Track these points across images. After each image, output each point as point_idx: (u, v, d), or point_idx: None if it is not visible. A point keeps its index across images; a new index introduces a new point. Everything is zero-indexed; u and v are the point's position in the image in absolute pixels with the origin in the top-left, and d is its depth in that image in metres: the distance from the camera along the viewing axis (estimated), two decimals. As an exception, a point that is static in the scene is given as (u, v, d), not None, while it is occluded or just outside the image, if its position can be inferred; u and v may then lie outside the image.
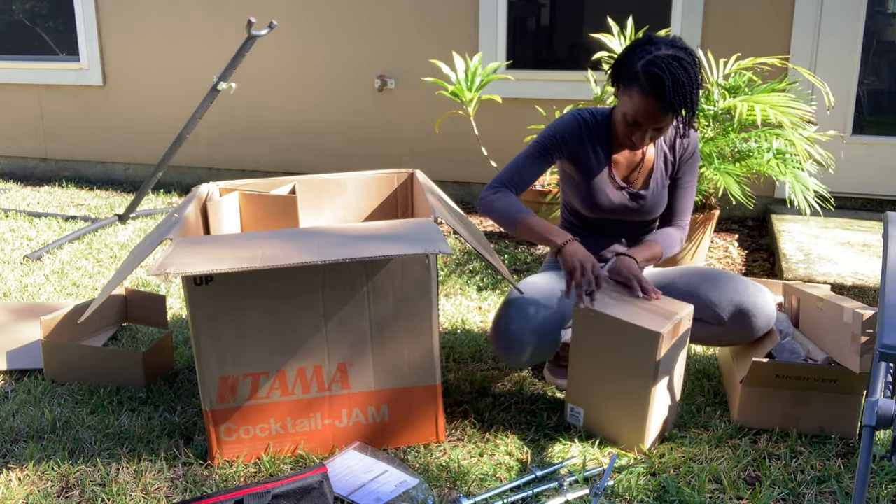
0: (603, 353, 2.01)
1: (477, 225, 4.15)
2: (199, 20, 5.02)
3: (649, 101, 1.97)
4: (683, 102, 1.97)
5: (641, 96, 1.98)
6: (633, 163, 2.22)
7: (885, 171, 4.05)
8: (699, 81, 2.00)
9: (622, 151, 2.22)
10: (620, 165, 2.22)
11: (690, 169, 2.25)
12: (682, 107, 1.97)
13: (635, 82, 1.99)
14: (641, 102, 1.99)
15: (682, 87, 1.95)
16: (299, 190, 2.63)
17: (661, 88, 1.95)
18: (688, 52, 1.99)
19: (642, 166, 2.22)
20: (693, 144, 2.22)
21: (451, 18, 4.52)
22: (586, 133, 2.19)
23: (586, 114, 2.20)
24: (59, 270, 3.52)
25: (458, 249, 3.79)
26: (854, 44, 3.95)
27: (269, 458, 2.00)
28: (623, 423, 2.02)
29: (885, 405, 1.39)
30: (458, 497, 1.81)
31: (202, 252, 1.80)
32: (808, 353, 2.18)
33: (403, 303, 1.97)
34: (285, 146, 5.05)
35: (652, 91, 1.96)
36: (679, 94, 1.95)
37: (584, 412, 2.10)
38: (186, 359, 2.62)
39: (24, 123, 5.60)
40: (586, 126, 2.19)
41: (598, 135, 2.19)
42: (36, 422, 2.22)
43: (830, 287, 2.45)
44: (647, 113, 1.99)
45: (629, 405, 1.99)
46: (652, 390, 1.94)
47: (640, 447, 2.00)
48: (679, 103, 1.96)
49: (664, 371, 1.97)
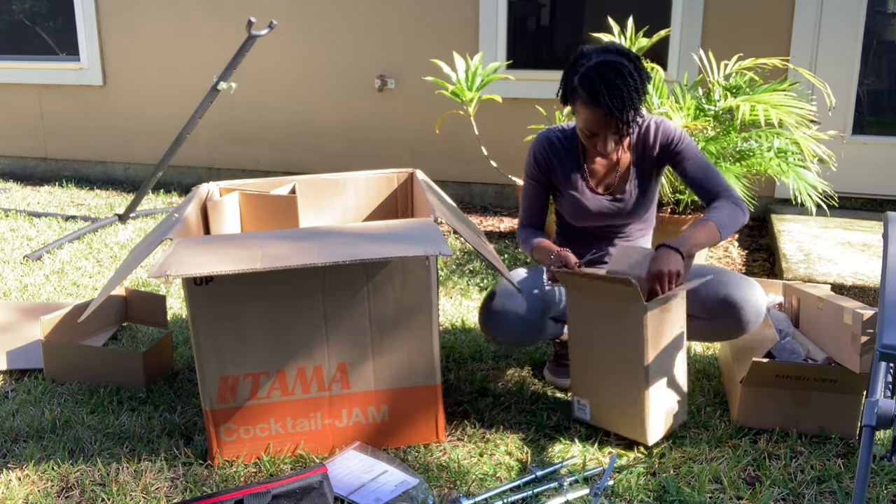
0: (595, 329, 2.02)
1: (477, 224, 4.15)
2: (199, 20, 5.02)
3: (591, 110, 2.04)
4: (622, 104, 2.01)
5: (584, 108, 2.05)
6: (609, 168, 2.25)
7: (885, 171, 4.05)
8: (638, 79, 2.03)
9: (596, 159, 2.25)
10: (598, 173, 2.26)
11: (687, 148, 2.18)
12: (622, 109, 2.02)
13: (577, 96, 2.07)
14: (586, 114, 2.06)
15: (618, 90, 2.00)
16: (299, 190, 2.63)
17: (596, 97, 2.01)
18: (621, 54, 2.04)
19: (618, 170, 2.25)
20: (670, 129, 2.18)
21: (451, 18, 4.52)
22: (554, 151, 2.26)
23: (554, 132, 2.27)
24: (59, 270, 3.52)
25: (458, 249, 3.79)
26: (854, 44, 3.95)
27: (269, 458, 2.00)
28: (624, 410, 2.02)
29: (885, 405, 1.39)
30: (458, 497, 1.81)
31: (202, 252, 1.80)
32: (808, 353, 2.18)
33: (403, 303, 1.97)
34: (285, 146, 5.05)
35: (591, 101, 2.02)
36: (615, 98, 2.00)
37: (589, 404, 2.10)
38: (186, 359, 2.62)
39: (24, 123, 5.60)
40: (554, 144, 2.26)
41: (569, 149, 2.26)
42: (36, 422, 2.22)
43: (830, 287, 2.45)
44: (594, 122, 2.05)
45: (628, 385, 1.99)
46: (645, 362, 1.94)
47: (642, 436, 2.00)
48: (618, 106, 2.01)
49: (657, 346, 1.96)
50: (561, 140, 2.26)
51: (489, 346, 2.68)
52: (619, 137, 2.11)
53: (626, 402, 2.01)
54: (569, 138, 2.26)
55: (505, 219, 4.43)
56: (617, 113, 2.01)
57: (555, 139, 2.26)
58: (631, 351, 1.97)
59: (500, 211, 4.61)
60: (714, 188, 2.15)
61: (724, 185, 2.15)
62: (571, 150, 2.26)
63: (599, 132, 2.08)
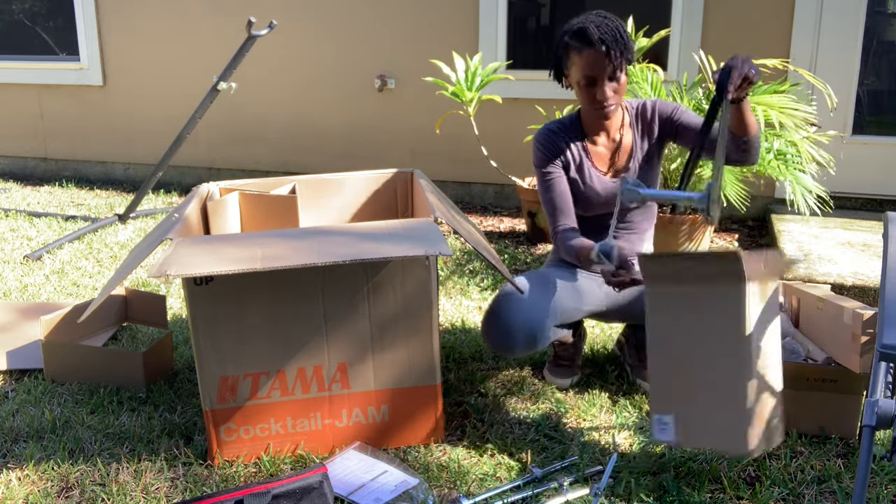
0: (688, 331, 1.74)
1: (477, 224, 4.15)
2: (199, 20, 5.02)
3: (585, 53, 2.09)
4: (614, 40, 2.07)
5: (578, 55, 2.11)
6: (612, 149, 2.28)
7: (884, 171, 4.05)
8: (622, 26, 2.11)
9: (598, 141, 2.27)
10: (601, 156, 2.28)
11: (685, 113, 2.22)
12: (614, 45, 2.07)
13: (569, 50, 2.13)
14: (580, 60, 2.10)
15: (606, 27, 2.08)
16: (299, 190, 2.63)
17: (587, 35, 2.08)
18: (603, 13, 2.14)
19: (621, 149, 2.27)
20: (667, 104, 2.26)
21: (451, 18, 4.52)
22: (557, 139, 2.27)
23: (552, 124, 2.30)
24: (59, 270, 3.52)
25: (458, 249, 3.79)
26: (854, 44, 3.95)
27: (269, 458, 2.00)
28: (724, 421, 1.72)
29: (885, 405, 1.39)
30: (458, 497, 1.81)
31: (202, 252, 1.80)
32: (808, 353, 2.18)
33: (403, 303, 1.97)
34: (285, 146, 5.05)
35: (583, 42, 2.09)
36: (605, 33, 2.07)
37: (674, 421, 1.80)
38: (186, 359, 2.62)
39: (24, 123, 5.60)
40: (556, 133, 2.27)
41: (570, 135, 2.28)
42: (36, 422, 2.22)
43: (830, 287, 2.45)
44: (589, 64, 2.10)
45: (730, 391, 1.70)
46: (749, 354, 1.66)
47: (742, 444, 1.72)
48: (610, 41, 2.06)
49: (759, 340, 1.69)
50: (559, 130, 2.28)
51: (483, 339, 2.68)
52: (617, 83, 2.13)
53: (725, 412, 1.72)
54: (567, 126, 2.28)
55: (505, 219, 4.43)
56: (611, 44, 2.06)
57: (554, 128, 2.28)
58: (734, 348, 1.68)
59: (500, 211, 4.62)
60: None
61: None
62: (573, 135, 2.27)
63: (597, 75, 2.10)
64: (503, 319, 2.12)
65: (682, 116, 2.22)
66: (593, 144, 2.28)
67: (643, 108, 2.27)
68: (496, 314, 2.14)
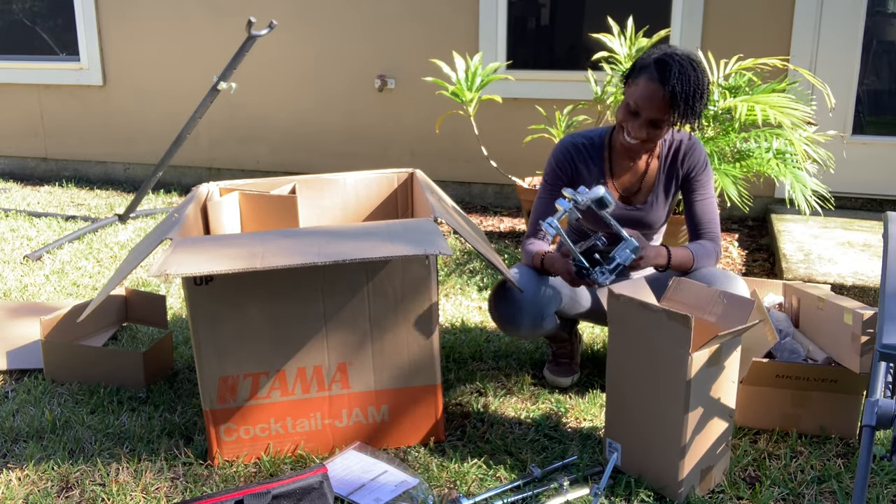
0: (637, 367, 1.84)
1: (477, 224, 4.15)
2: (199, 20, 5.02)
3: (653, 85, 2.02)
4: (684, 93, 2.00)
5: (647, 81, 2.03)
6: (634, 178, 2.24)
7: (885, 171, 4.05)
8: (704, 87, 2.03)
9: (623, 168, 2.23)
10: (622, 181, 2.24)
11: (705, 183, 2.23)
12: (682, 98, 2.00)
13: (645, 71, 2.05)
14: (645, 87, 2.03)
15: (687, 79, 2.00)
16: (299, 190, 2.63)
17: (667, 74, 2.00)
18: (699, 62, 2.06)
19: (644, 181, 2.24)
20: (700, 157, 2.22)
21: (451, 18, 4.52)
22: (579, 156, 2.24)
23: (580, 137, 2.26)
24: (59, 270, 3.52)
25: (458, 249, 3.79)
26: (854, 44, 3.95)
27: (269, 458, 2.00)
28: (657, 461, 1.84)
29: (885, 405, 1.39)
30: (458, 497, 1.81)
31: (202, 252, 1.80)
32: (808, 353, 2.18)
33: (403, 303, 1.97)
34: (285, 146, 5.05)
35: (658, 76, 2.02)
36: (682, 84, 2.00)
37: (621, 447, 1.92)
38: (186, 359, 2.62)
39: (24, 123, 5.60)
40: (579, 149, 2.24)
41: (594, 155, 2.24)
42: (36, 422, 2.22)
43: (830, 287, 2.45)
44: (647, 96, 2.03)
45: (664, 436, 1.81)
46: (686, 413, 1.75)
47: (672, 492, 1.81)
48: (680, 93, 2.00)
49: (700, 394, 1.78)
50: (586, 146, 2.24)
51: (489, 345, 2.69)
52: (657, 130, 2.07)
53: (660, 453, 1.83)
54: (595, 145, 2.24)
55: (505, 219, 4.43)
56: (678, 96, 2.00)
57: (580, 144, 2.24)
58: (672, 397, 1.78)
59: (500, 211, 4.62)
60: (702, 225, 2.24)
61: (711, 223, 2.24)
62: (597, 156, 2.23)
63: (644, 113, 2.04)
64: (512, 294, 2.16)
65: (699, 184, 2.22)
66: (617, 167, 2.23)
67: (677, 149, 2.21)
68: (505, 290, 2.18)
